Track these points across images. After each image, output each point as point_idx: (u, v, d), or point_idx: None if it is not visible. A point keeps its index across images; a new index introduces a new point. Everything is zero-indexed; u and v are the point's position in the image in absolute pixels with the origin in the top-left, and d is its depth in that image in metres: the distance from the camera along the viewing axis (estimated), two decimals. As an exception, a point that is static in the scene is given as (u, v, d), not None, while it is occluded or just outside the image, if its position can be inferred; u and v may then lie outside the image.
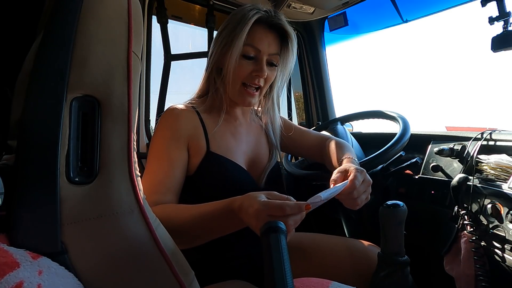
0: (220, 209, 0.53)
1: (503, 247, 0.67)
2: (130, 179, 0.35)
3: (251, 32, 0.67)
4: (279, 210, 0.44)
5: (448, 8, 1.12)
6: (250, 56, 0.68)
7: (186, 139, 0.67)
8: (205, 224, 0.54)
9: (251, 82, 0.69)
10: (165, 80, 1.13)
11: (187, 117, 0.68)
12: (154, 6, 1.08)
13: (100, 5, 0.34)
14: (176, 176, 0.64)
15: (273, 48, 0.70)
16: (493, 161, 0.74)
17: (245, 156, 0.75)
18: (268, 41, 0.69)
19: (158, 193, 0.61)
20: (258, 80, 0.69)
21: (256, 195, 0.49)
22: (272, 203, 0.45)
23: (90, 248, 0.32)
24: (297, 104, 1.59)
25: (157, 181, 0.62)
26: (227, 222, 0.53)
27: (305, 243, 0.78)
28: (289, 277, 0.34)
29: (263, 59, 0.68)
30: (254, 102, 0.72)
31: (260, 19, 0.68)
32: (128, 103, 0.35)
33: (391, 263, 0.59)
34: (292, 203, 0.46)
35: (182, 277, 0.37)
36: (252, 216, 0.46)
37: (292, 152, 0.92)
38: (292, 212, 0.44)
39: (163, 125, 0.67)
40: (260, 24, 0.68)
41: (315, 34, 1.45)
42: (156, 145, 0.66)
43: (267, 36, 0.69)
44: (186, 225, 0.54)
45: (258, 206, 0.46)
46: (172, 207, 0.58)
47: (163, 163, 0.64)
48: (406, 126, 0.88)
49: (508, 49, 0.72)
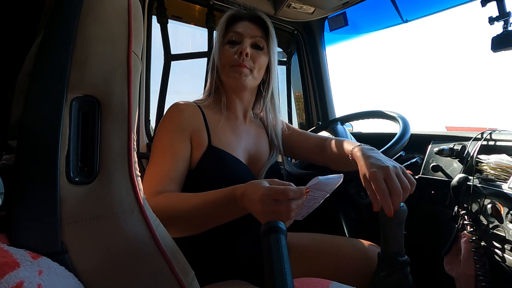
0: (222, 196, 0.55)
1: (503, 247, 0.67)
2: (130, 179, 0.35)
3: (232, 25, 0.76)
4: (283, 195, 0.47)
5: (448, 8, 1.12)
6: (233, 40, 0.74)
7: (189, 132, 0.69)
8: (206, 211, 0.56)
9: (236, 63, 0.72)
10: (165, 80, 1.13)
11: (190, 111, 0.71)
12: (154, 6, 1.08)
13: (100, 5, 0.34)
14: (179, 167, 0.65)
15: (255, 32, 0.75)
16: (493, 161, 0.74)
17: (245, 153, 0.77)
18: (247, 27, 0.75)
19: (161, 184, 0.62)
20: (242, 58, 0.71)
21: (259, 182, 0.51)
22: (276, 188, 0.48)
23: (90, 248, 0.32)
24: (297, 104, 1.59)
25: (161, 172, 0.63)
26: (228, 209, 0.55)
27: (305, 243, 0.78)
28: (289, 277, 0.34)
29: (244, 40, 0.73)
30: (247, 81, 0.73)
31: (237, 14, 0.77)
32: (128, 103, 0.35)
33: (391, 263, 0.59)
34: (294, 187, 0.48)
35: (182, 277, 0.37)
36: (257, 202, 0.48)
37: (294, 155, 0.92)
38: (295, 196, 0.47)
39: (167, 119, 0.70)
40: (238, 18, 0.77)
41: (315, 34, 1.45)
42: (160, 138, 0.68)
43: (247, 24, 0.76)
44: (188, 212, 0.56)
45: (263, 191, 0.48)
46: (175, 195, 0.60)
47: (166, 155, 0.65)
48: (406, 126, 0.88)
49: (508, 49, 0.72)
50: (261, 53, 0.75)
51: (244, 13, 0.77)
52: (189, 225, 0.58)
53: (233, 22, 0.76)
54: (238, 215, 0.56)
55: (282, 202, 0.47)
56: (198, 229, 0.59)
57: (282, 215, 0.47)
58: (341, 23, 1.31)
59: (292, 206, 0.47)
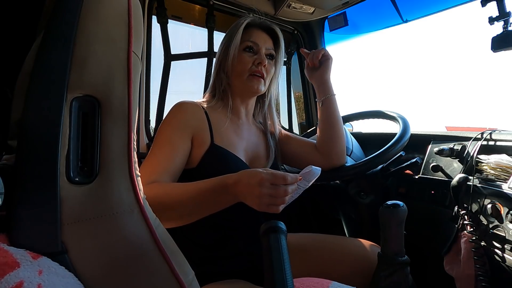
0: (213, 184, 0.57)
1: (503, 247, 0.67)
2: (130, 179, 0.35)
3: (247, 32, 0.78)
4: (282, 180, 0.51)
5: (448, 8, 1.12)
6: (250, 48, 0.77)
7: (191, 131, 0.70)
8: (196, 199, 0.57)
9: (255, 71, 0.76)
10: (165, 80, 1.13)
11: (193, 110, 0.72)
12: (154, 6, 1.08)
13: (100, 5, 0.34)
14: (175, 161, 0.66)
15: (269, 44, 0.79)
16: (493, 161, 0.74)
17: (246, 153, 0.77)
18: (263, 37, 0.79)
19: (156, 173, 0.63)
20: (261, 67, 0.76)
21: (255, 169, 0.54)
22: (277, 173, 0.52)
23: (90, 248, 0.32)
24: (297, 104, 1.59)
25: (157, 163, 0.65)
26: (218, 197, 0.57)
27: (305, 243, 0.78)
28: (289, 277, 0.34)
29: (262, 50, 0.77)
30: (262, 89, 0.78)
31: (253, 22, 0.79)
32: (128, 103, 0.35)
33: (391, 263, 0.59)
34: (291, 174, 0.53)
35: (182, 277, 0.37)
36: (255, 185, 0.51)
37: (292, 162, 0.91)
38: (292, 181, 0.52)
39: (171, 115, 0.71)
40: (254, 26, 0.80)
41: (315, 34, 1.45)
42: (160, 132, 0.69)
43: (262, 34, 0.79)
44: (179, 201, 0.57)
45: (263, 175, 0.51)
46: (166, 184, 0.61)
47: (164, 148, 0.67)
48: (406, 126, 0.88)
49: (508, 49, 0.72)
50: (272, 63, 0.80)
51: (260, 22, 0.80)
52: (179, 214, 0.59)
53: (247, 28, 0.78)
54: (227, 204, 0.57)
55: (280, 186, 0.51)
56: (188, 218, 0.60)
57: (278, 199, 0.51)
58: (341, 23, 1.31)
59: (289, 190, 0.51)
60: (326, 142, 0.83)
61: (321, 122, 0.84)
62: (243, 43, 0.77)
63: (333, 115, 0.82)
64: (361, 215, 1.00)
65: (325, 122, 0.82)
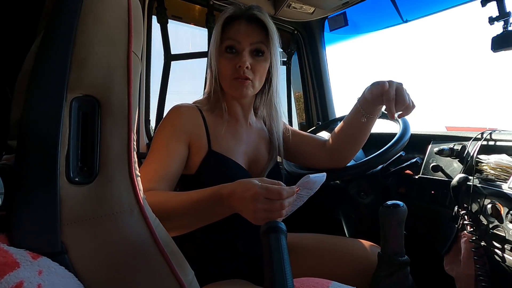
0: (207, 195, 0.55)
1: (503, 247, 0.67)
2: (130, 179, 0.35)
3: (229, 28, 0.71)
4: (277, 195, 0.48)
5: (448, 8, 1.12)
6: (231, 48, 0.70)
7: (188, 136, 0.68)
8: (191, 209, 0.56)
9: (238, 75, 0.69)
10: (165, 80, 1.13)
11: (190, 115, 0.70)
12: (154, 6, 1.08)
13: (100, 5, 0.34)
14: (172, 168, 0.65)
15: (254, 37, 0.70)
16: (493, 161, 0.74)
17: (245, 156, 0.76)
18: (247, 32, 0.70)
19: (152, 181, 0.62)
20: (243, 71, 0.68)
21: (250, 180, 0.51)
22: (271, 188, 0.48)
23: (90, 248, 0.32)
24: (297, 104, 1.59)
25: (153, 170, 0.63)
26: (213, 208, 0.55)
27: (305, 243, 0.78)
28: (289, 277, 0.34)
29: (244, 49, 0.69)
30: (249, 93, 0.71)
31: (235, 14, 0.71)
32: (128, 103, 0.35)
33: (391, 263, 0.59)
34: (287, 187, 0.50)
35: (182, 277, 0.37)
36: (249, 200, 0.48)
37: (295, 158, 0.90)
38: (288, 195, 0.49)
39: (167, 120, 0.70)
40: (238, 19, 0.71)
41: (315, 34, 1.45)
42: (157, 138, 0.68)
43: (246, 28, 0.70)
44: (174, 210, 0.56)
45: (257, 189, 0.48)
46: (162, 193, 0.60)
47: (160, 154, 0.65)
48: (406, 126, 0.88)
49: (508, 49, 0.72)
50: (262, 59, 0.71)
51: (241, 12, 0.71)
52: (174, 224, 0.57)
53: (229, 23, 0.71)
54: (223, 215, 0.56)
55: (275, 201, 0.48)
56: (183, 228, 0.59)
57: (274, 213, 0.48)
58: (341, 23, 1.31)
59: (285, 204, 0.48)
60: (344, 149, 0.81)
61: (352, 132, 0.80)
62: (223, 42, 0.70)
63: (366, 132, 0.79)
64: (361, 215, 1.00)
65: (356, 134, 0.79)
